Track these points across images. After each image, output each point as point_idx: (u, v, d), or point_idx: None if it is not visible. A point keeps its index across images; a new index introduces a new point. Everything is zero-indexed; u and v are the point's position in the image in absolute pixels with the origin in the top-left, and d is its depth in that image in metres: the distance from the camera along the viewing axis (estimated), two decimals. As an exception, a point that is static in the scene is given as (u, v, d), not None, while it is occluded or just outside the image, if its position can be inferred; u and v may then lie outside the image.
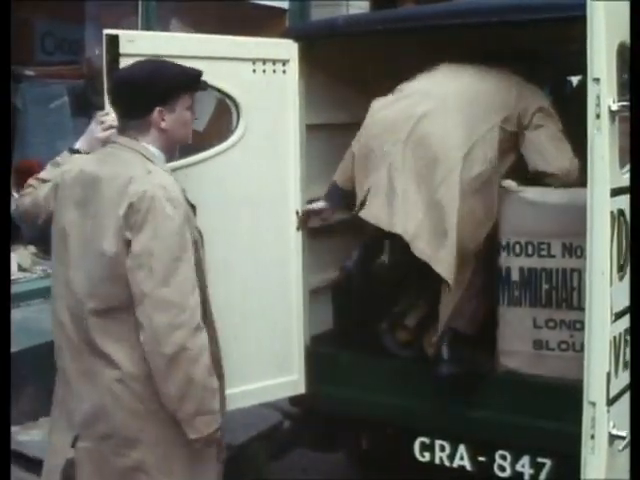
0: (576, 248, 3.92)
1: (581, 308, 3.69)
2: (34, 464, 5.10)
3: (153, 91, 3.27)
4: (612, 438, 2.94)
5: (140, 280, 3.07)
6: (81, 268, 3.24)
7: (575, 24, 3.13)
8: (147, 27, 6.76)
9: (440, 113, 4.08)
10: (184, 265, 3.10)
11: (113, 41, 3.78)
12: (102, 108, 3.86)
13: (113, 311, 3.16)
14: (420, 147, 4.03)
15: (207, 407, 3.14)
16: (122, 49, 3.79)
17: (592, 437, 2.94)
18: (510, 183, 4.06)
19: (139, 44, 3.87)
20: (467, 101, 4.11)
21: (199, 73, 3.42)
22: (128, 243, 3.09)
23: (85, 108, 7.74)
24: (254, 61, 4.23)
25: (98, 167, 3.27)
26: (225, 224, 4.10)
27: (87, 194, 3.24)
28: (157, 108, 3.26)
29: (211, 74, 4.07)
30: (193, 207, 3.31)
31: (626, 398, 3.09)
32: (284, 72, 4.33)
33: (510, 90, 4.16)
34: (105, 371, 3.20)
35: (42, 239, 7.33)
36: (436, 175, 3.96)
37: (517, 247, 4.05)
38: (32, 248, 7.15)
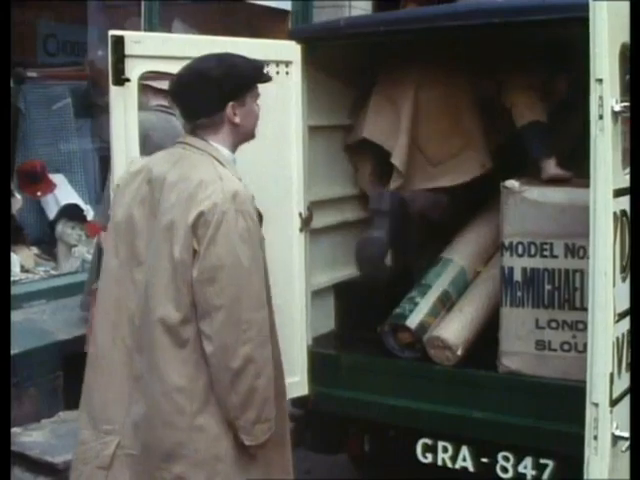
0: (579, 249, 3.92)
1: (584, 309, 3.70)
2: (36, 465, 5.11)
3: (227, 86, 3.22)
4: (615, 439, 2.94)
5: (210, 295, 3.02)
6: (152, 270, 3.15)
7: (577, 25, 3.13)
8: (150, 28, 6.76)
9: None
10: (255, 280, 3.09)
11: (118, 42, 3.78)
12: (106, 109, 3.87)
13: (173, 322, 3.08)
14: None
15: (266, 415, 3.14)
16: (127, 50, 3.79)
17: (595, 438, 2.94)
18: (513, 183, 4.07)
19: (145, 45, 3.87)
20: None
21: (263, 64, 3.45)
22: (194, 253, 3.03)
23: (88, 110, 7.76)
24: (257, 62, 4.23)
25: (167, 168, 3.22)
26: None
27: (154, 194, 3.18)
28: (230, 103, 3.22)
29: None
30: (260, 215, 3.27)
31: (628, 399, 3.09)
32: (287, 74, 4.33)
33: None
34: (153, 380, 3.13)
35: (45, 240, 7.37)
36: None
37: (520, 247, 4.05)
38: (35, 249, 7.16)
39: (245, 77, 3.28)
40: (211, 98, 3.21)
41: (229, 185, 3.10)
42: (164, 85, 5.85)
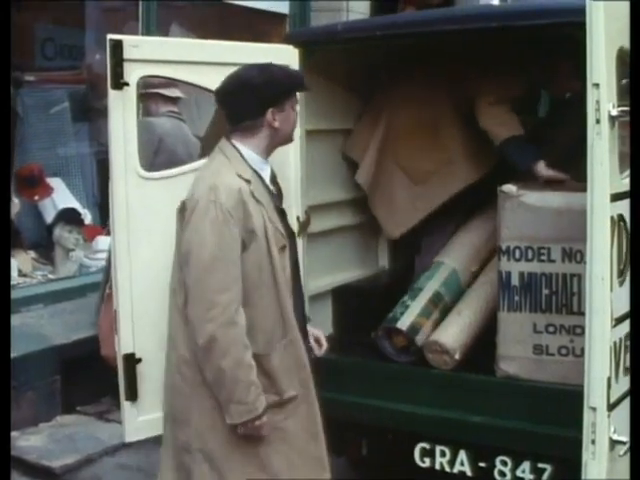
0: (576, 253, 3.92)
1: (581, 313, 3.69)
2: (33, 470, 5.12)
3: (268, 94, 3.52)
4: (613, 443, 2.95)
5: (183, 276, 3.40)
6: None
7: (575, 29, 3.13)
8: (147, 32, 6.77)
9: None
10: (218, 265, 3.32)
11: (117, 46, 3.78)
12: (104, 113, 3.87)
13: (179, 300, 3.46)
14: None
15: (238, 397, 3.32)
16: (126, 54, 3.80)
17: (593, 442, 2.94)
18: (510, 188, 4.07)
19: (143, 49, 3.87)
20: None
21: (302, 76, 3.79)
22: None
23: (85, 114, 7.76)
24: (255, 67, 4.23)
25: (201, 169, 3.65)
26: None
27: None
28: (270, 109, 3.51)
29: (213, 79, 4.08)
30: (281, 211, 3.65)
31: (627, 403, 3.09)
32: (284, 78, 4.33)
33: None
34: (171, 353, 3.54)
35: (43, 244, 7.37)
36: None
37: (517, 252, 4.06)
38: (32, 253, 7.17)
39: (284, 85, 3.57)
40: (252, 104, 3.52)
41: (213, 179, 3.42)
42: (173, 92, 5.87)
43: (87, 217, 7.44)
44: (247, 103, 3.52)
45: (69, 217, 7.29)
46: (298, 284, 3.75)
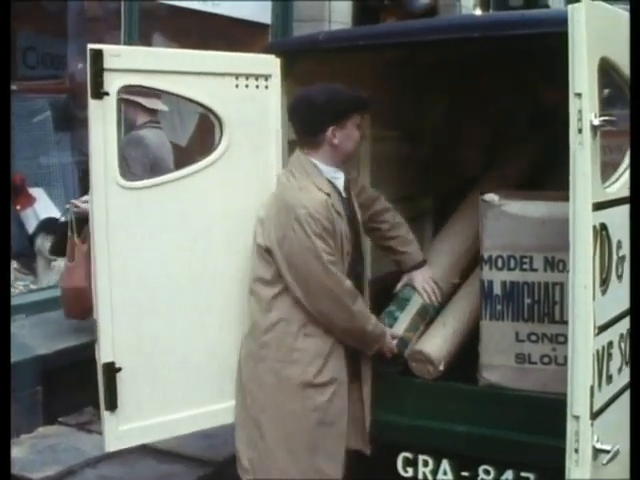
0: (558, 262, 3.93)
1: (563, 322, 3.70)
2: (15, 482, 5.08)
3: (328, 113, 3.85)
4: (596, 452, 2.95)
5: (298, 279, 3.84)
6: None
7: (557, 40, 3.14)
8: (129, 42, 6.76)
9: None
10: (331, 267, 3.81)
11: (97, 55, 3.77)
12: (85, 123, 3.86)
13: None
14: None
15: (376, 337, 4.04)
16: (106, 64, 3.78)
17: (576, 451, 2.95)
18: (492, 197, 4.07)
19: (124, 59, 3.87)
20: None
21: (366, 97, 3.97)
22: None
23: (67, 123, 7.74)
24: (237, 76, 4.22)
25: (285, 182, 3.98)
26: (208, 238, 4.10)
27: None
28: (331, 127, 3.84)
29: (194, 89, 4.10)
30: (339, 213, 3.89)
31: (610, 411, 3.10)
32: (266, 87, 4.32)
33: None
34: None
35: (24, 254, 7.32)
36: None
37: (499, 261, 4.06)
38: (14, 263, 7.13)
39: (345, 105, 3.88)
40: (314, 121, 3.88)
41: (302, 195, 3.80)
42: (154, 104, 5.88)
43: (68, 227, 7.40)
44: (310, 120, 3.89)
45: (51, 227, 7.26)
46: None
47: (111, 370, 3.91)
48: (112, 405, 3.92)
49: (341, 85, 3.91)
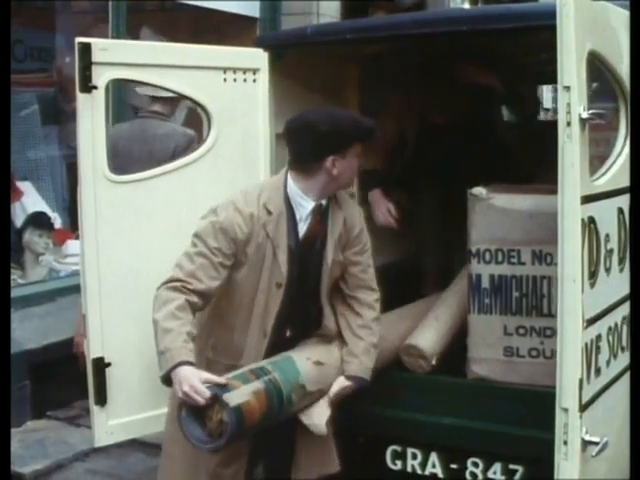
0: (546, 255, 3.93)
1: (551, 315, 3.72)
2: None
3: (331, 141, 3.52)
4: (585, 444, 2.96)
5: None
6: None
7: (545, 33, 3.15)
8: (118, 36, 6.73)
9: None
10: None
11: (85, 49, 3.77)
12: (73, 116, 3.85)
13: None
14: None
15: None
16: (94, 57, 3.78)
17: (565, 443, 2.96)
18: (480, 190, 4.07)
19: (112, 52, 3.86)
20: None
21: (371, 126, 3.62)
22: None
23: (55, 117, 7.71)
24: (225, 70, 4.23)
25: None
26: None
27: None
28: (331, 157, 3.53)
29: (182, 82, 4.09)
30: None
31: (599, 404, 3.11)
32: (254, 81, 4.33)
33: None
34: None
35: (12, 249, 7.30)
36: None
37: (487, 254, 4.06)
38: (1, 258, 7.10)
39: (348, 134, 3.55)
40: (315, 149, 3.54)
41: (236, 199, 3.60)
42: (162, 93, 5.80)
43: (57, 221, 7.38)
44: (309, 146, 3.56)
45: (39, 221, 7.23)
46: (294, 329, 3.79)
47: (100, 365, 3.91)
48: (101, 400, 3.93)
49: (345, 111, 3.73)
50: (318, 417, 3.73)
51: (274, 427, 3.62)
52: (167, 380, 3.28)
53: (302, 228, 3.65)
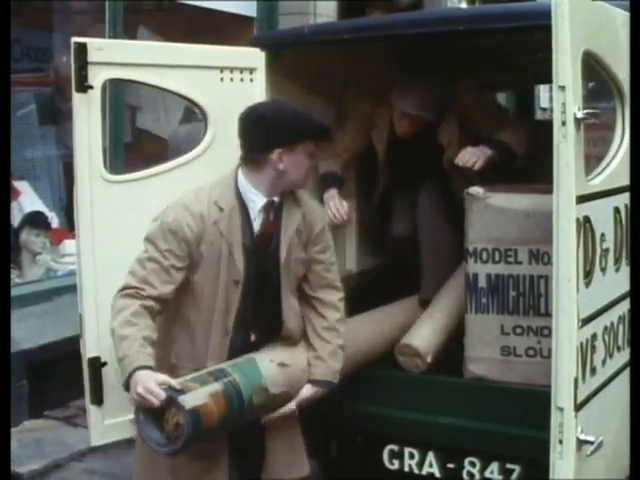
0: (543, 255, 3.94)
1: (548, 314, 3.71)
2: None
3: (277, 132, 3.44)
4: (580, 443, 2.96)
5: None
6: None
7: (541, 32, 3.15)
8: (115, 35, 6.73)
9: None
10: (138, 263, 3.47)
11: (81, 49, 3.77)
12: (70, 116, 3.85)
13: None
14: None
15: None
16: (90, 57, 3.79)
17: (560, 442, 2.96)
18: (477, 190, 4.08)
19: (107, 52, 3.87)
20: None
21: (325, 126, 3.56)
22: None
23: (52, 116, 7.70)
24: (222, 69, 4.23)
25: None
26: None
27: None
28: (278, 149, 3.43)
29: (179, 82, 4.09)
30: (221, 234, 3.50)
31: (594, 403, 3.12)
32: (251, 80, 4.33)
33: None
34: None
35: (10, 249, 7.29)
36: None
37: (484, 254, 4.07)
38: (-1, 258, 7.10)
39: (298, 127, 3.46)
40: (260, 140, 3.47)
41: (187, 199, 3.52)
42: None
43: (54, 220, 7.38)
44: (256, 138, 3.49)
45: (36, 221, 7.22)
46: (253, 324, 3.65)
47: (96, 365, 3.91)
48: (98, 399, 3.93)
49: (302, 106, 3.58)
50: (281, 422, 3.69)
51: (244, 432, 3.58)
52: (128, 387, 3.25)
53: (256, 225, 3.58)
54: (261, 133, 3.46)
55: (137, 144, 7.82)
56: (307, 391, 3.70)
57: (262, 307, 3.63)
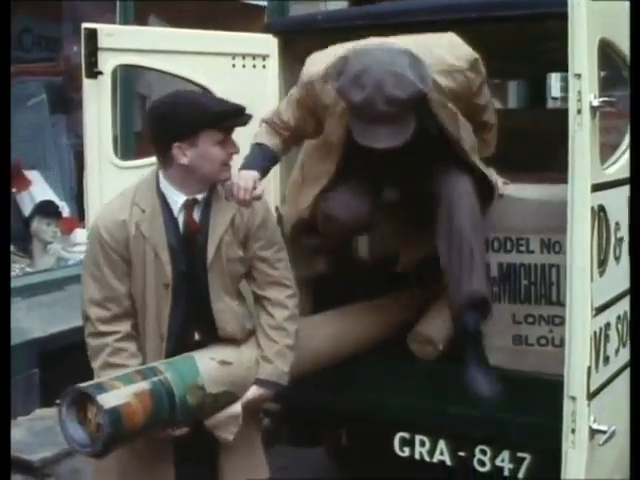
0: (554, 244, 3.93)
1: (560, 303, 3.72)
2: (12, 463, 5.08)
3: (170, 127, 3.23)
4: (593, 432, 2.95)
5: None
6: None
7: (556, 20, 3.13)
8: (125, 24, 6.73)
9: None
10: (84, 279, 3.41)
11: (91, 35, 3.78)
12: (80, 105, 3.85)
13: None
14: None
15: None
16: (100, 43, 3.79)
17: (573, 431, 2.94)
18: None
19: (118, 38, 3.87)
20: None
21: (230, 112, 3.32)
22: None
23: (63, 105, 7.71)
24: (234, 56, 4.22)
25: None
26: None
27: None
28: (175, 144, 3.22)
29: (191, 69, 4.08)
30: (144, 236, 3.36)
31: (607, 392, 3.10)
32: (264, 67, 4.32)
33: None
34: None
35: (20, 237, 7.32)
36: None
37: (496, 243, 4.06)
38: (11, 246, 7.11)
39: (191, 118, 3.23)
40: (158, 136, 3.30)
41: (110, 207, 3.43)
42: None
43: (65, 210, 7.39)
44: (156, 133, 3.31)
45: (47, 210, 7.24)
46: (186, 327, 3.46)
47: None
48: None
49: (198, 95, 3.43)
50: (225, 425, 3.46)
51: (194, 439, 3.41)
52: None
53: (180, 225, 3.38)
54: (159, 128, 3.28)
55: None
56: (253, 392, 3.52)
57: (202, 308, 3.44)
